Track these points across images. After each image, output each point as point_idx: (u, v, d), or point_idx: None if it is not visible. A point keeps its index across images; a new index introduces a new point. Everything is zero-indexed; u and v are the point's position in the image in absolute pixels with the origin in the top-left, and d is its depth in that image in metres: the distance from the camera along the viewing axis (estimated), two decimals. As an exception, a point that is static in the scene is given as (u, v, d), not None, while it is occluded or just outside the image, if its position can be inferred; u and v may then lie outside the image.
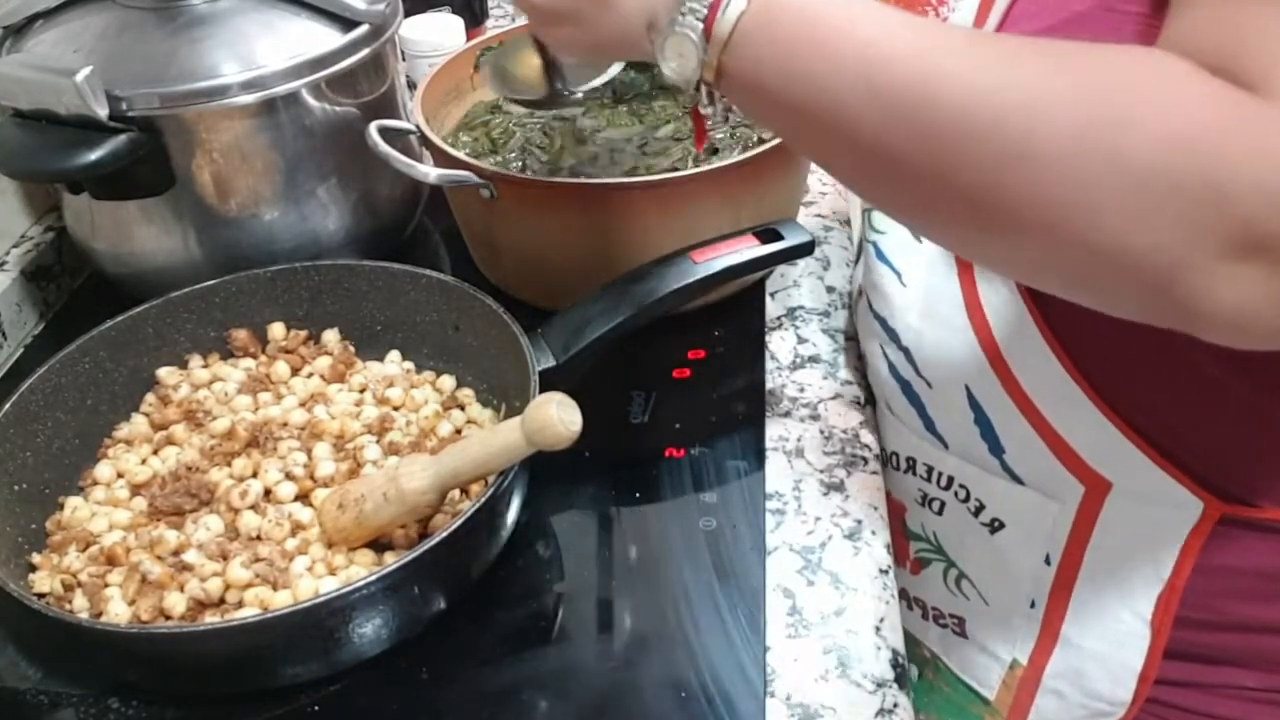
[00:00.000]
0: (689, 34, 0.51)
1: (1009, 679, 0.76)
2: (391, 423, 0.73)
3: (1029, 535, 0.69)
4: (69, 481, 0.71)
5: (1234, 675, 0.66)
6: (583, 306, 0.73)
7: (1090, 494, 0.65)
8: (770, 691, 0.60)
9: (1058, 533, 0.68)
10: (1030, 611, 0.72)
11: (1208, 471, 0.61)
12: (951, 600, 0.79)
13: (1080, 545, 0.67)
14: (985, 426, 0.68)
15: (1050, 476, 0.66)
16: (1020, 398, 0.65)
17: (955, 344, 0.67)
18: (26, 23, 0.85)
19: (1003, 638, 0.75)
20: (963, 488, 0.73)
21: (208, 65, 0.80)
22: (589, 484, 0.74)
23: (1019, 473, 0.68)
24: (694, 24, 0.51)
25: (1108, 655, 0.69)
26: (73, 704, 0.61)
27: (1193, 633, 0.66)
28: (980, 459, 0.70)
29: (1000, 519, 0.71)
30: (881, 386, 0.78)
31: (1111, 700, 0.70)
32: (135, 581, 0.62)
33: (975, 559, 0.75)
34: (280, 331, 0.80)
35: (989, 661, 0.77)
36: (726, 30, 0.50)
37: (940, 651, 0.82)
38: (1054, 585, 0.70)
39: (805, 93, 0.49)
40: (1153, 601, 0.66)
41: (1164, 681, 0.68)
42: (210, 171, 0.83)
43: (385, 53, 0.91)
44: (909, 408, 0.74)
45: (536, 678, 0.62)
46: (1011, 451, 0.68)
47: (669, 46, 0.53)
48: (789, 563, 0.68)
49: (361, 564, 0.64)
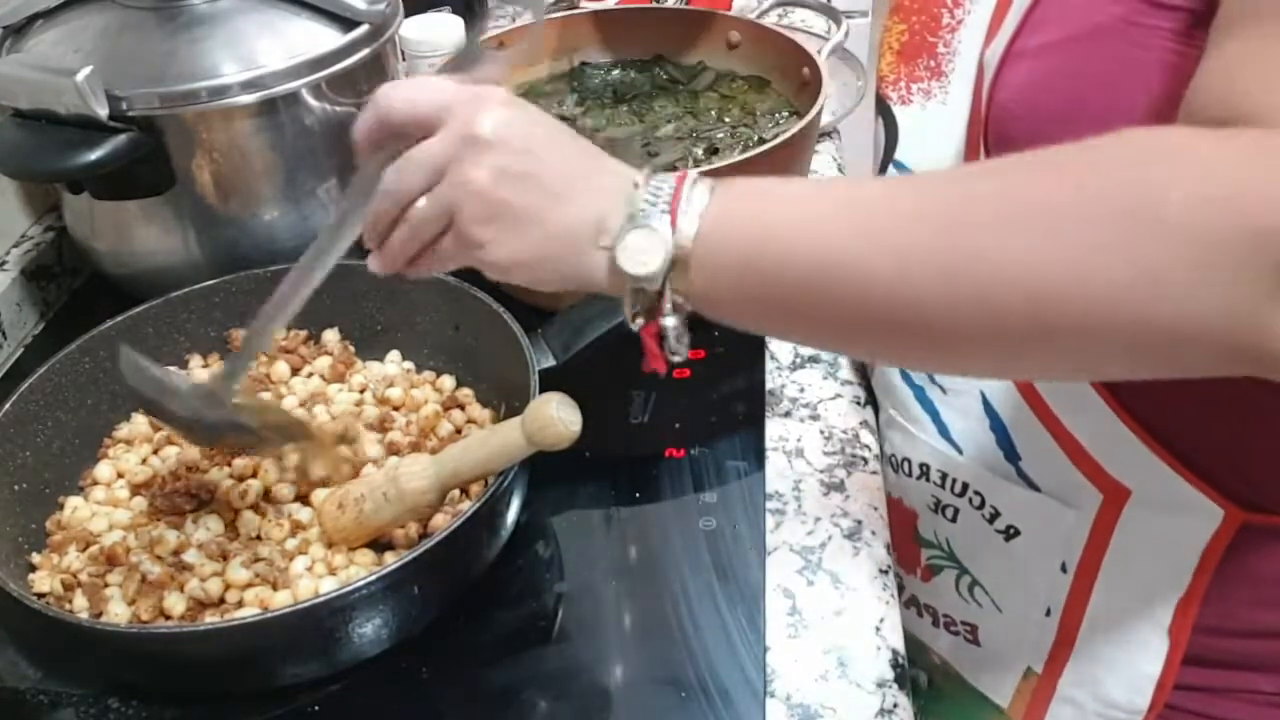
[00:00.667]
0: (655, 226, 0.47)
1: (1023, 687, 0.75)
2: (391, 422, 0.73)
3: (1045, 543, 0.69)
4: (69, 481, 0.71)
5: (1250, 679, 0.65)
6: (582, 306, 0.73)
7: (1108, 501, 0.64)
8: (770, 691, 0.60)
9: (1074, 540, 0.67)
10: (1045, 619, 0.71)
11: (1228, 479, 0.60)
12: (964, 608, 0.78)
13: (1098, 553, 0.66)
14: (1001, 433, 0.67)
15: (1067, 484, 0.65)
16: (1038, 404, 0.64)
17: None
18: (26, 22, 0.85)
19: (1016, 645, 0.74)
20: (978, 494, 0.72)
21: (208, 65, 0.80)
22: (589, 484, 0.74)
23: (1035, 479, 0.67)
24: (659, 215, 0.47)
25: (1125, 663, 0.68)
26: (72, 704, 0.61)
27: (1210, 639, 0.65)
28: (996, 465, 0.69)
29: (1016, 526, 0.70)
30: (892, 392, 0.77)
31: (1128, 709, 0.69)
32: (135, 581, 0.62)
33: (989, 566, 0.74)
34: (280, 331, 0.80)
35: (1002, 669, 0.76)
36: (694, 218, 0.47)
37: (951, 659, 0.81)
38: (1070, 593, 0.69)
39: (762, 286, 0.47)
40: (1171, 610, 0.65)
41: (1180, 687, 0.67)
42: (210, 171, 0.83)
43: (385, 53, 0.91)
44: (922, 414, 0.73)
45: (536, 677, 0.62)
46: (1028, 458, 0.67)
47: (629, 242, 0.47)
48: (789, 563, 0.68)
49: (361, 564, 0.64)
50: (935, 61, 0.66)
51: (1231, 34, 0.44)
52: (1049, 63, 0.56)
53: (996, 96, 0.59)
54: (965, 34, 0.63)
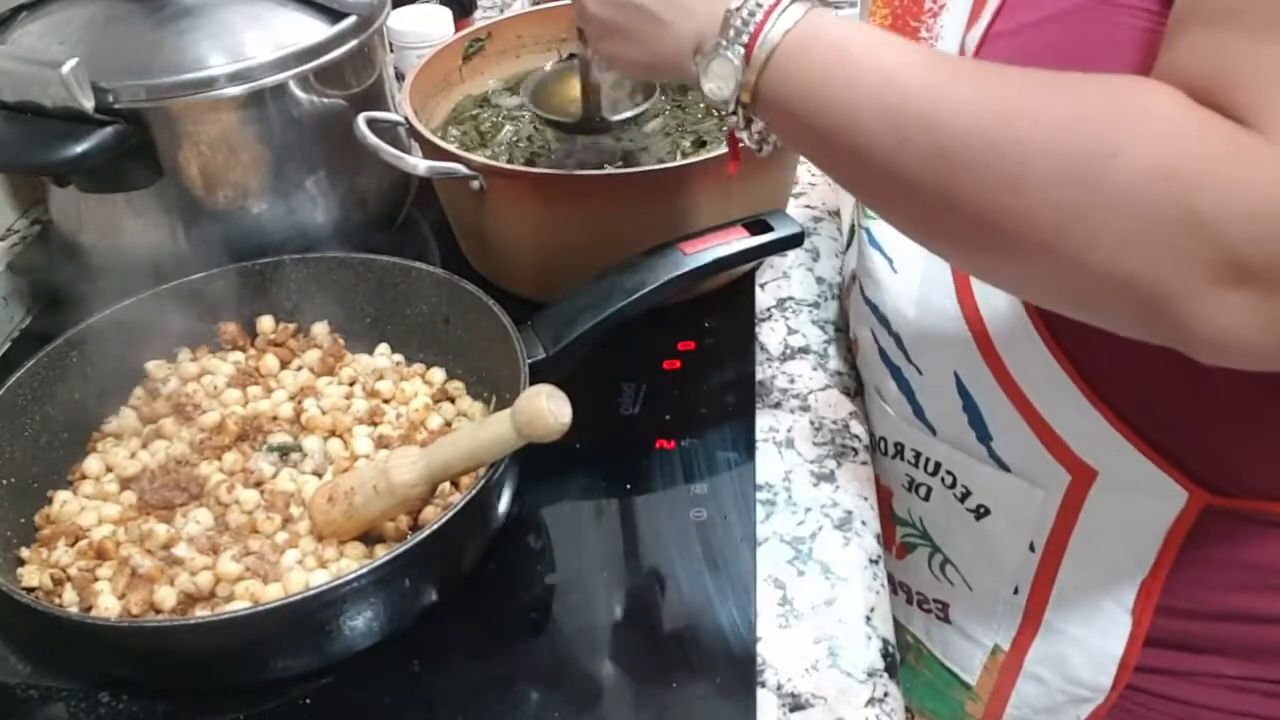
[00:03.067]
0: (730, 58, 0.54)
1: (990, 664, 0.76)
2: (381, 415, 0.73)
3: (1014, 522, 0.70)
4: (58, 476, 0.71)
5: (1213, 663, 0.67)
6: (573, 298, 0.73)
7: (1076, 482, 0.66)
8: (761, 681, 0.60)
9: (1043, 520, 0.68)
10: (1013, 597, 0.72)
11: (1194, 462, 0.62)
12: (935, 585, 0.79)
13: (1065, 532, 0.68)
14: (973, 413, 0.69)
15: (1037, 464, 0.66)
16: (1009, 385, 0.65)
17: (946, 331, 0.67)
18: (11, 14, 0.85)
19: (985, 623, 0.76)
20: (949, 474, 0.73)
21: (194, 57, 0.80)
22: (580, 476, 0.74)
23: (1006, 460, 0.69)
24: (737, 49, 0.54)
25: (1089, 642, 0.70)
26: (63, 699, 0.61)
27: (1174, 621, 0.66)
28: (968, 446, 0.70)
29: (986, 505, 0.72)
30: (872, 372, 0.78)
31: (1092, 686, 0.70)
32: (125, 575, 0.62)
33: (960, 545, 0.76)
34: (269, 324, 0.80)
35: (971, 646, 0.78)
36: (764, 55, 0.53)
37: (923, 636, 0.83)
38: (1037, 572, 0.70)
39: (829, 117, 0.52)
40: (1135, 590, 0.66)
41: (1144, 668, 0.68)
42: (198, 164, 0.83)
43: (373, 44, 0.91)
44: (899, 394, 0.74)
45: (528, 669, 0.62)
46: (999, 439, 0.68)
47: (712, 68, 0.55)
48: (779, 553, 0.68)
49: (352, 557, 0.64)
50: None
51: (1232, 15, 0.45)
52: (1027, 43, 0.56)
53: None
54: (948, 18, 0.63)
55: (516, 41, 1.05)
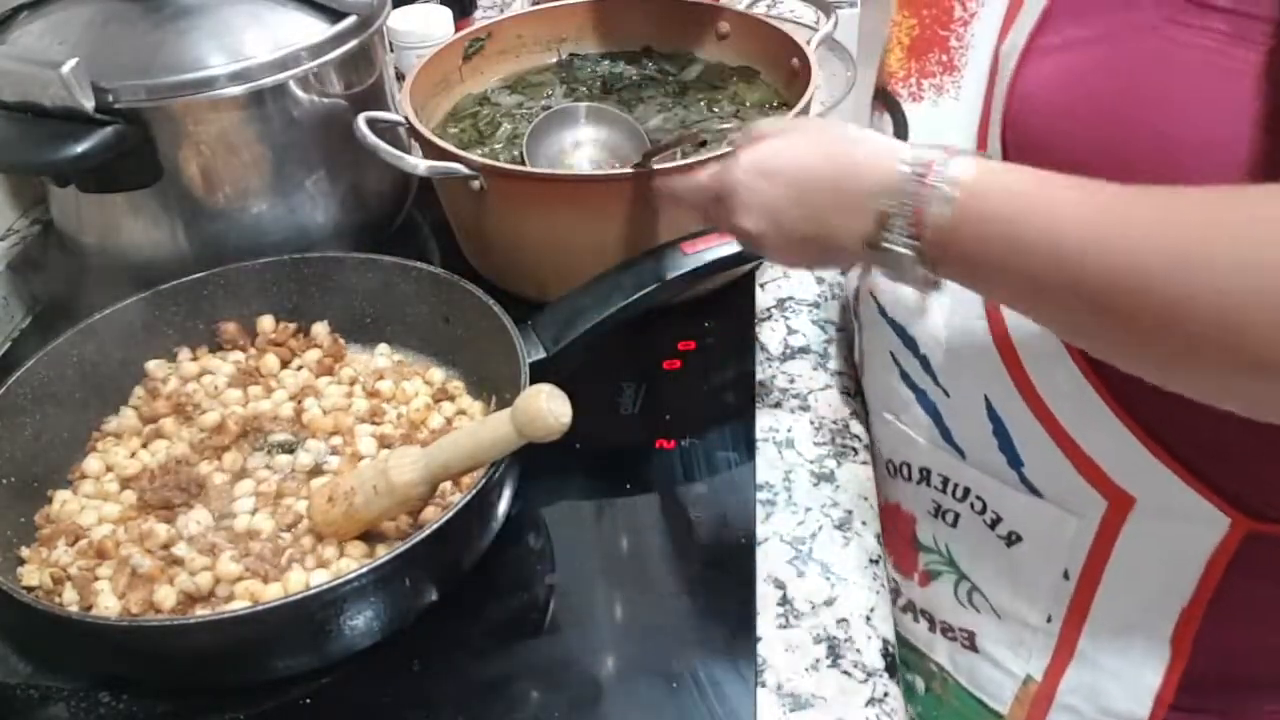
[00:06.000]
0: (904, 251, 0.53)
1: (1022, 694, 0.74)
2: (381, 415, 0.73)
3: (1047, 550, 0.68)
4: (58, 475, 0.71)
5: (1255, 697, 0.65)
6: (573, 298, 0.73)
7: (1113, 509, 0.64)
8: (761, 681, 0.60)
9: (1077, 548, 0.66)
10: (1047, 626, 0.70)
11: (1234, 487, 0.60)
12: (962, 613, 0.77)
13: (1100, 561, 0.66)
14: (1004, 438, 0.67)
15: (1071, 491, 0.64)
16: (1041, 410, 0.63)
17: (975, 353, 0.65)
18: (11, 14, 0.85)
19: (1015, 652, 0.73)
20: (979, 499, 0.71)
21: (195, 57, 0.79)
22: (580, 475, 0.74)
23: (1038, 486, 0.67)
24: (906, 241, 0.53)
25: (1126, 673, 0.68)
26: (63, 698, 0.61)
27: (1214, 651, 0.65)
28: (998, 471, 0.68)
29: (1018, 532, 0.70)
30: (890, 395, 0.75)
31: (1128, 718, 0.68)
32: (125, 575, 0.62)
33: (989, 572, 0.74)
34: (269, 324, 0.80)
35: (1001, 676, 0.75)
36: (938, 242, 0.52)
37: (948, 665, 0.80)
38: (1072, 601, 0.68)
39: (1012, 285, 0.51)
40: (1174, 620, 0.64)
41: (1181, 707, 0.66)
42: (198, 164, 0.83)
43: (373, 44, 0.91)
44: (924, 417, 0.72)
45: (528, 669, 0.62)
46: (1031, 464, 0.66)
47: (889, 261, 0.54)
48: (779, 553, 0.68)
49: (352, 556, 0.64)
50: (948, 56, 0.64)
51: None
52: (1081, 59, 0.54)
53: (1019, 90, 0.57)
54: (979, 27, 0.61)
55: (516, 41, 1.05)
